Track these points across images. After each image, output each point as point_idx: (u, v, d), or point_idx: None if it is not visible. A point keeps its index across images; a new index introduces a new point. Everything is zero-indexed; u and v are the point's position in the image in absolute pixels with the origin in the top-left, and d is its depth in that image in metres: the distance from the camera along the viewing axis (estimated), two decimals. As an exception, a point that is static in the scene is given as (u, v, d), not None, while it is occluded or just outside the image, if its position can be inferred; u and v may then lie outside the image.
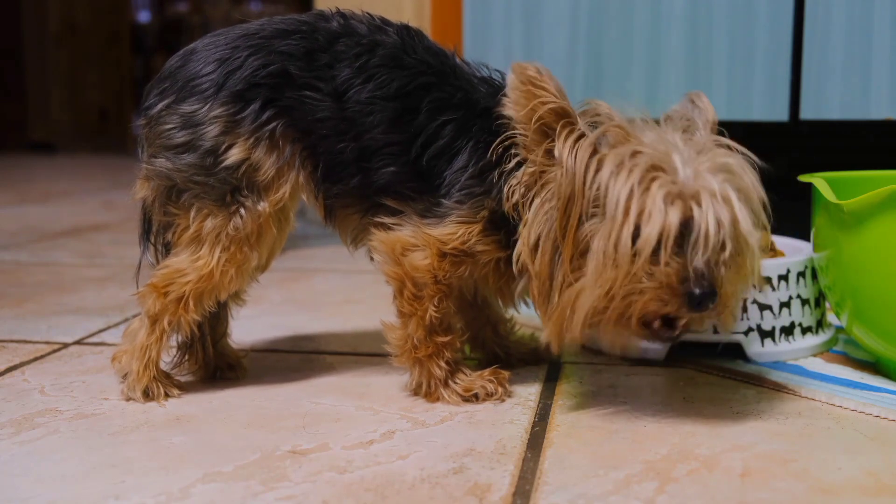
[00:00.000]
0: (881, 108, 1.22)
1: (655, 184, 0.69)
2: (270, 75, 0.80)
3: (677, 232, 0.69)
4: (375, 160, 0.81)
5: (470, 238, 0.79)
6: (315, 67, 0.81)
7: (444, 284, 0.81)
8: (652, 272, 0.69)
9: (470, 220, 0.79)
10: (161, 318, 0.82)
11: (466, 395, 0.82)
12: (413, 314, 0.81)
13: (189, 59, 0.82)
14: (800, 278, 0.96)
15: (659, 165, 0.70)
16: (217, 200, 0.81)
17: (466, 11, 1.45)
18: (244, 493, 0.63)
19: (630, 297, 0.70)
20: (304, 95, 0.81)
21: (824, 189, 0.86)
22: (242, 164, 0.80)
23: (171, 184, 0.81)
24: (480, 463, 0.68)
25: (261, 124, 0.80)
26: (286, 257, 1.62)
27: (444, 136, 0.80)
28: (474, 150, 0.79)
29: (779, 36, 1.27)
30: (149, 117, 0.82)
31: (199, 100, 0.80)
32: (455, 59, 0.84)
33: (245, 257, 0.82)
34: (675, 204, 0.69)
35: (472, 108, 0.81)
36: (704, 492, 0.63)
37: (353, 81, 0.81)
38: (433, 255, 0.79)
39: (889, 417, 0.77)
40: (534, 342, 0.98)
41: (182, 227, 0.82)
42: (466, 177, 0.79)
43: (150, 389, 0.82)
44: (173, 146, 0.81)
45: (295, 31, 0.82)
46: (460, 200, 0.79)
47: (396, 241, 0.81)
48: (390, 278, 0.82)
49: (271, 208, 0.81)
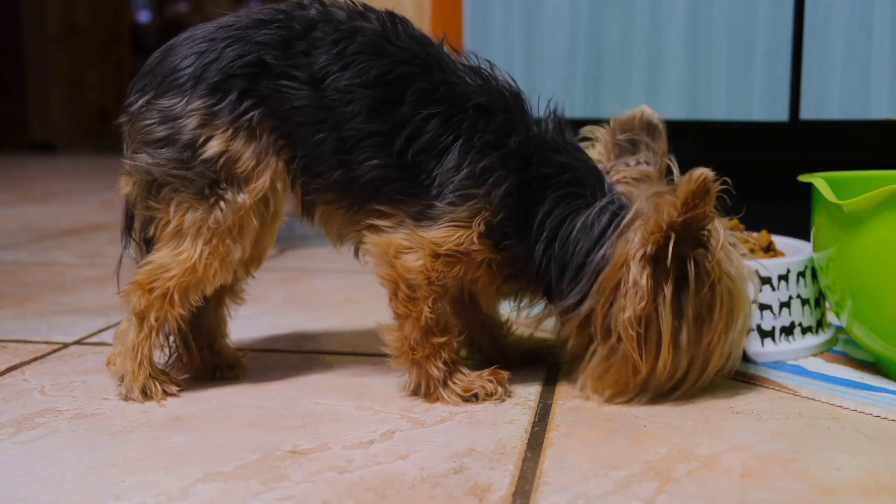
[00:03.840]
0: (881, 108, 1.22)
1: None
2: (247, 65, 0.80)
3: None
4: (357, 152, 0.80)
5: (463, 241, 0.79)
6: (291, 55, 0.80)
7: (439, 285, 0.80)
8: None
9: (465, 225, 0.79)
10: (147, 314, 0.82)
11: (466, 395, 0.82)
12: (408, 315, 0.81)
13: (168, 55, 0.82)
14: (800, 278, 0.96)
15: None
16: (196, 194, 0.80)
17: (466, 11, 1.45)
18: (244, 492, 0.63)
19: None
20: (281, 84, 0.80)
21: (824, 189, 0.86)
22: (221, 157, 0.79)
23: (152, 178, 0.81)
24: (480, 463, 0.68)
25: (238, 115, 0.79)
26: (286, 257, 1.62)
27: (429, 131, 0.79)
28: (466, 149, 0.79)
29: (779, 36, 1.27)
30: (130, 114, 0.83)
31: (178, 94, 0.80)
32: (441, 49, 0.83)
33: (228, 250, 0.82)
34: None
35: (457, 102, 0.80)
36: (704, 492, 0.63)
37: (331, 68, 0.80)
38: (427, 256, 0.79)
39: (889, 417, 0.77)
40: (531, 343, 0.98)
41: (163, 221, 0.82)
42: (461, 177, 0.78)
43: (147, 388, 0.82)
44: (153, 141, 0.81)
45: (272, 20, 0.81)
46: (454, 203, 0.79)
47: (389, 245, 0.80)
48: (385, 280, 0.81)
49: (251, 200, 0.81)
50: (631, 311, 0.77)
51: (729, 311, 0.80)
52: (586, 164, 0.83)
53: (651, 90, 1.35)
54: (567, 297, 0.81)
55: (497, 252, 0.81)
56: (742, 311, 0.81)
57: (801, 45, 1.26)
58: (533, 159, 0.80)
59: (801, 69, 1.26)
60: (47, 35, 5.22)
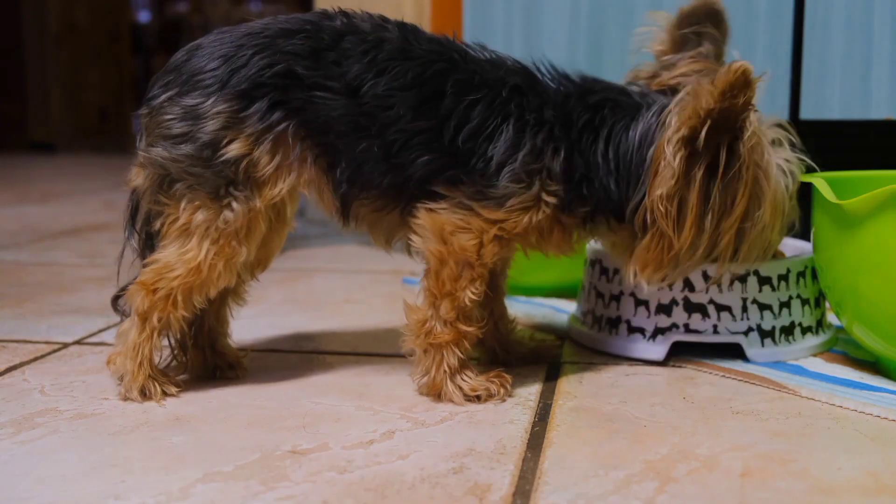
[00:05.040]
0: (881, 108, 1.22)
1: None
2: (276, 75, 0.80)
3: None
4: (406, 153, 0.81)
5: (532, 221, 0.81)
6: (323, 66, 0.81)
7: (486, 268, 0.82)
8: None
9: (532, 205, 0.81)
10: (150, 315, 0.82)
11: (471, 394, 0.82)
12: (449, 294, 0.81)
13: (194, 55, 0.83)
14: (800, 278, 0.96)
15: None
16: (211, 193, 0.81)
17: (466, 11, 1.45)
18: (244, 492, 0.63)
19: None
20: (315, 95, 0.80)
21: (824, 189, 0.86)
22: (242, 160, 0.80)
23: (165, 173, 0.81)
24: (480, 463, 0.68)
25: (269, 125, 0.80)
26: (286, 257, 1.62)
27: (475, 117, 0.80)
28: (519, 128, 0.80)
29: (779, 36, 1.27)
30: (151, 107, 0.83)
31: (202, 94, 0.80)
32: (458, 44, 0.85)
33: (234, 251, 0.82)
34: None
35: (494, 87, 0.81)
36: (704, 492, 0.63)
37: (366, 76, 0.80)
38: (487, 237, 0.81)
39: (889, 417, 0.77)
40: (533, 342, 0.98)
41: (171, 217, 0.82)
42: (524, 153, 0.80)
43: (146, 388, 0.82)
44: (171, 136, 0.81)
45: (299, 30, 0.82)
46: (518, 180, 0.80)
47: (446, 222, 0.81)
48: (433, 256, 0.81)
49: (263, 204, 0.81)
50: (663, 189, 0.80)
51: (754, 200, 0.83)
52: (616, 90, 0.86)
53: (651, 90, 1.35)
54: (632, 201, 0.83)
55: (569, 216, 0.84)
56: (768, 203, 0.84)
57: (801, 45, 1.26)
58: (573, 116, 0.82)
59: (801, 69, 1.26)
60: (47, 35, 5.23)
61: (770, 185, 0.84)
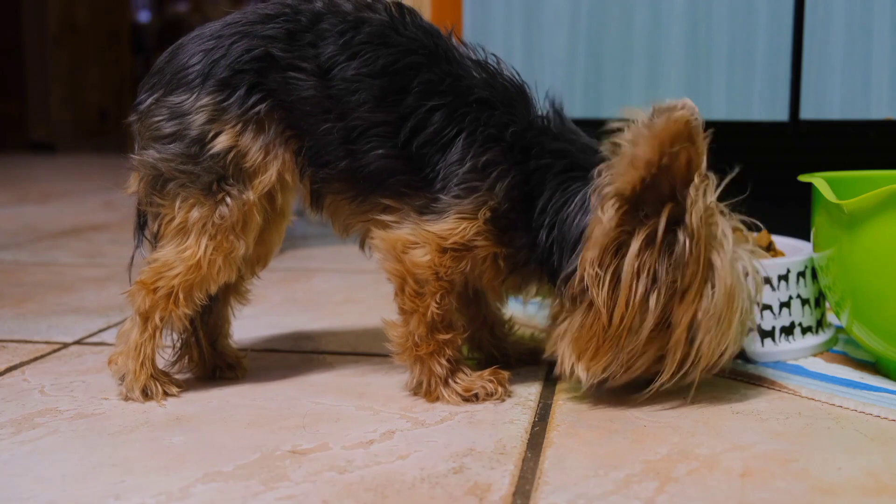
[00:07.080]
0: (881, 108, 1.22)
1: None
2: (254, 59, 0.80)
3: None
4: (363, 141, 0.80)
5: (469, 233, 0.79)
6: (298, 47, 0.81)
7: (446, 281, 0.80)
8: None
9: (471, 217, 0.79)
10: (152, 314, 0.82)
11: (467, 394, 0.82)
12: (415, 311, 0.81)
13: (176, 53, 0.83)
14: (800, 278, 0.96)
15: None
16: (203, 189, 0.80)
17: (466, 11, 1.45)
18: (244, 492, 0.63)
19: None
20: (289, 76, 0.80)
21: (824, 189, 0.86)
22: (230, 152, 0.80)
23: (158, 173, 0.82)
24: (480, 463, 0.68)
25: (247, 109, 0.80)
26: (286, 257, 1.62)
27: (433, 124, 0.79)
28: (469, 143, 0.79)
29: (779, 36, 1.27)
30: (139, 112, 0.83)
31: (186, 91, 0.80)
32: (449, 41, 0.83)
33: (232, 246, 0.82)
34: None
35: (462, 95, 0.80)
36: (704, 492, 0.63)
37: (338, 59, 0.80)
38: (434, 251, 0.79)
39: (889, 417, 0.77)
40: (532, 342, 0.98)
41: (168, 217, 0.82)
42: (465, 170, 0.78)
43: (148, 388, 0.82)
44: (161, 137, 0.81)
45: (278, 14, 0.82)
46: (459, 195, 0.79)
47: (397, 240, 0.80)
48: (392, 275, 0.81)
49: (256, 195, 0.81)
50: (594, 250, 0.74)
51: (707, 283, 0.74)
52: (584, 146, 0.82)
53: (651, 90, 1.35)
54: (565, 270, 0.79)
55: (502, 245, 0.81)
56: (723, 286, 0.74)
57: (801, 45, 1.26)
58: (532, 151, 0.80)
59: (801, 69, 1.26)
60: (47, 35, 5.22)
61: (725, 265, 0.75)
